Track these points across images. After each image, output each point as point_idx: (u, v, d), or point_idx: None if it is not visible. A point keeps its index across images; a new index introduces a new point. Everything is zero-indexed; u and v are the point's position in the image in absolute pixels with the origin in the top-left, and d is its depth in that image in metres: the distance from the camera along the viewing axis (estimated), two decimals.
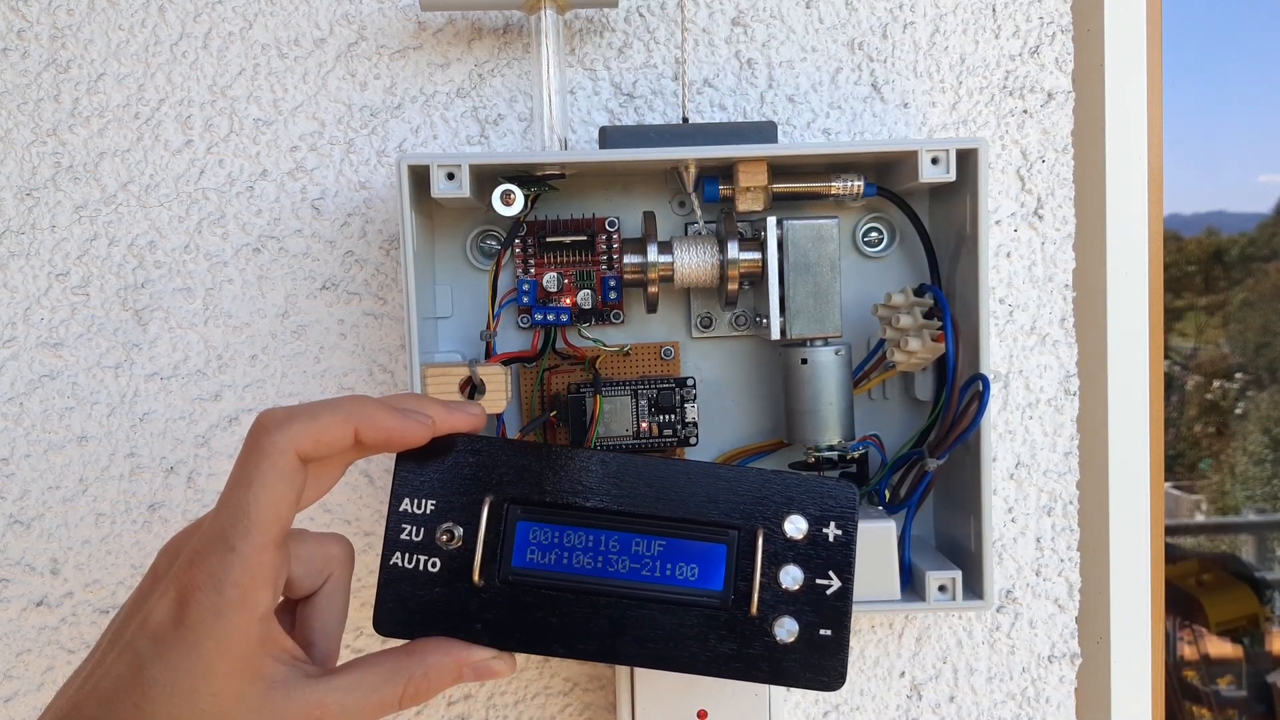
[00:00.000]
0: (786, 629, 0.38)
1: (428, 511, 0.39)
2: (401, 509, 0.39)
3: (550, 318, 0.54)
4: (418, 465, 0.39)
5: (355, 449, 0.37)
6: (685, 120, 0.56)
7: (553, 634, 0.38)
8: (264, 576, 0.33)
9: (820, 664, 0.38)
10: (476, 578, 0.38)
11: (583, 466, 0.39)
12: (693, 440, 0.55)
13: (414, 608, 0.38)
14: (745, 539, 0.39)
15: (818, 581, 0.38)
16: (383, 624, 0.38)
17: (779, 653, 0.38)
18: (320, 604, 0.39)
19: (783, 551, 0.39)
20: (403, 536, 0.38)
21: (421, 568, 0.38)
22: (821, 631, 0.38)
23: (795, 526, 0.39)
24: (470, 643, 0.38)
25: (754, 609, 0.38)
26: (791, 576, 0.38)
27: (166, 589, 0.33)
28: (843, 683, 0.38)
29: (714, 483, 0.39)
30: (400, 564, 0.38)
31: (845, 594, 0.38)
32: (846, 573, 0.39)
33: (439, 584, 0.38)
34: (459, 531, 0.38)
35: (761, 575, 0.38)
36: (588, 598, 0.38)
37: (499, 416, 0.54)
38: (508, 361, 0.53)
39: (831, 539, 0.39)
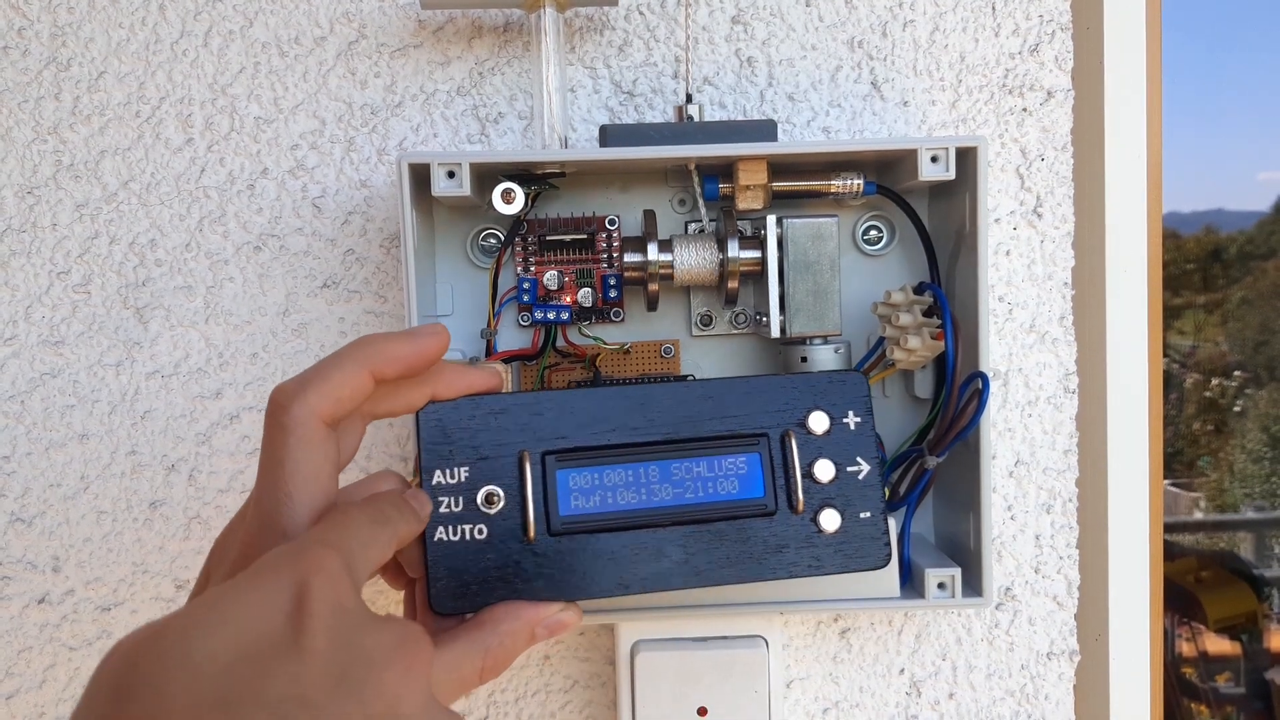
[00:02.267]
0: (830, 519, 0.40)
1: (462, 480, 0.38)
2: (435, 482, 0.38)
3: (550, 316, 0.54)
4: (442, 434, 0.38)
5: (376, 395, 0.35)
6: (689, 98, 0.56)
7: (612, 574, 0.38)
8: None
9: (866, 546, 0.40)
10: (531, 535, 0.38)
11: (606, 404, 0.40)
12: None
13: (469, 579, 0.38)
14: (774, 443, 0.40)
15: (848, 469, 0.40)
16: (441, 602, 0.37)
17: (828, 543, 0.40)
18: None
19: (811, 448, 0.40)
20: (442, 510, 0.38)
21: (469, 537, 0.38)
22: (862, 515, 0.40)
23: (817, 422, 0.40)
24: (535, 601, 0.37)
25: (800, 507, 0.40)
26: (824, 468, 0.40)
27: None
28: (889, 559, 0.40)
29: (734, 396, 0.40)
30: (446, 538, 0.38)
31: (874, 475, 0.41)
32: (871, 455, 0.41)
33: (490, 550, 0.38)
34: (500, 493, 0.38)
35: (799, 474, 0.40)
36: (639, 531, 0.39)
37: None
38: (508, 359, 0.53)
39: (853, 427, 0.41)
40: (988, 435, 0.51)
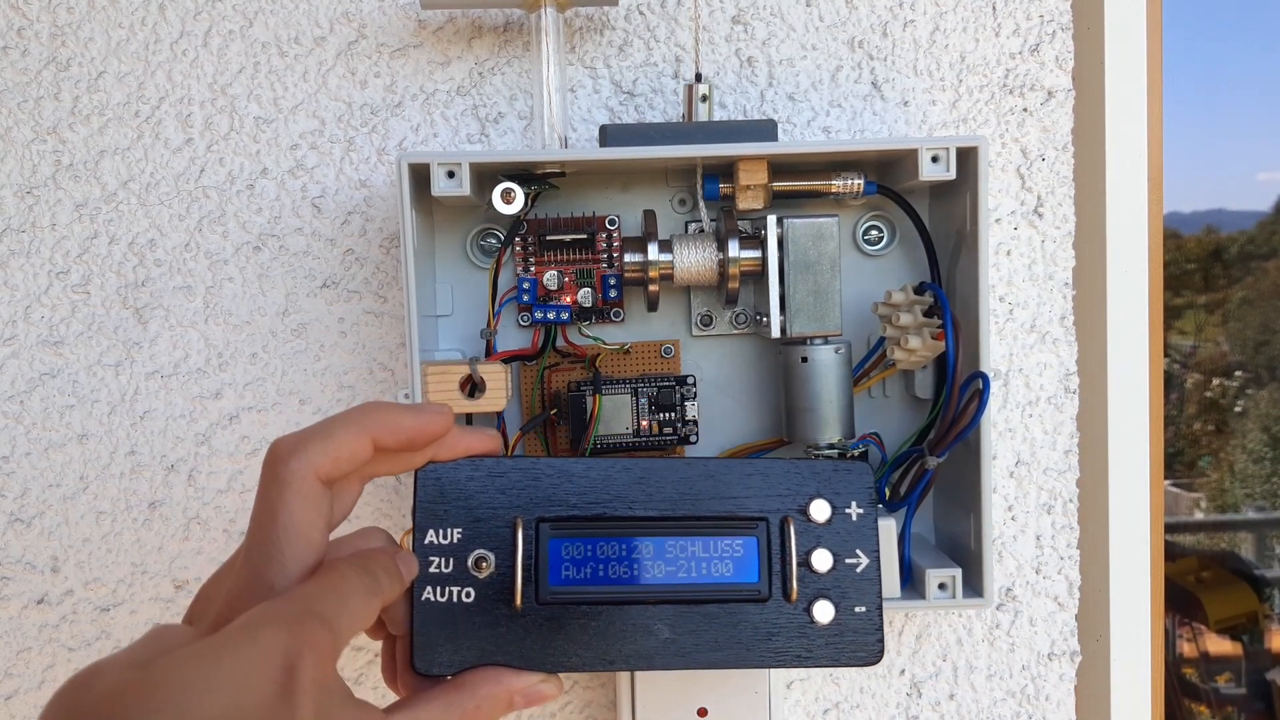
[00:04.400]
0: (823, 611, 0.39)
1: (454, 541, 0.38)
2: (427, 541, 0.38)
3: (550, 316, 0.54)
4: (439, 494, 0.38)
5: (374, 460, 0.36)
6: (699, 75, 0.55)
7: (597, 648, 0.38)
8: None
9: (858, 640, 0.39)
10: (518, 602, 0.37)
11: (604, 475, 0.39)
12: (693, 438, 0.55)
13: (453, 642, 0.37)
14: (773, 529, 0.39)
15: (847, 561, 0.40)
16: (424, 662, 0.37)
17: (819, 635, 0.39)
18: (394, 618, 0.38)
19: (811, 537, 0.40)
20: (431, 570, 0.38)
21: (456, 599, 0.38)
22: (857, 609, 0.39)
23: (820, 510, 0.40)
24: (517, 669, 0.37)
25: (793, 595, 0.39)
26: (822, 558, 0.39)
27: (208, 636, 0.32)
28: (881, 656, 0.39)
29: (735, 477, 0.40)
30: (433, 598, 0.37)
31: (873, 569, 0.40)
32: (873, 549, 0.40)
33: (476, 614, 0.38)
34: (491, 558, 0.38)
35: (796, 562, 0.39)
36: (628, 607, 0.38)
37: (499, 415, 0.54)
38: (508, 359, 0.53)
39: (855, 518, 0.40)
40: (988, 435, 0.51)
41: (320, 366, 0.58)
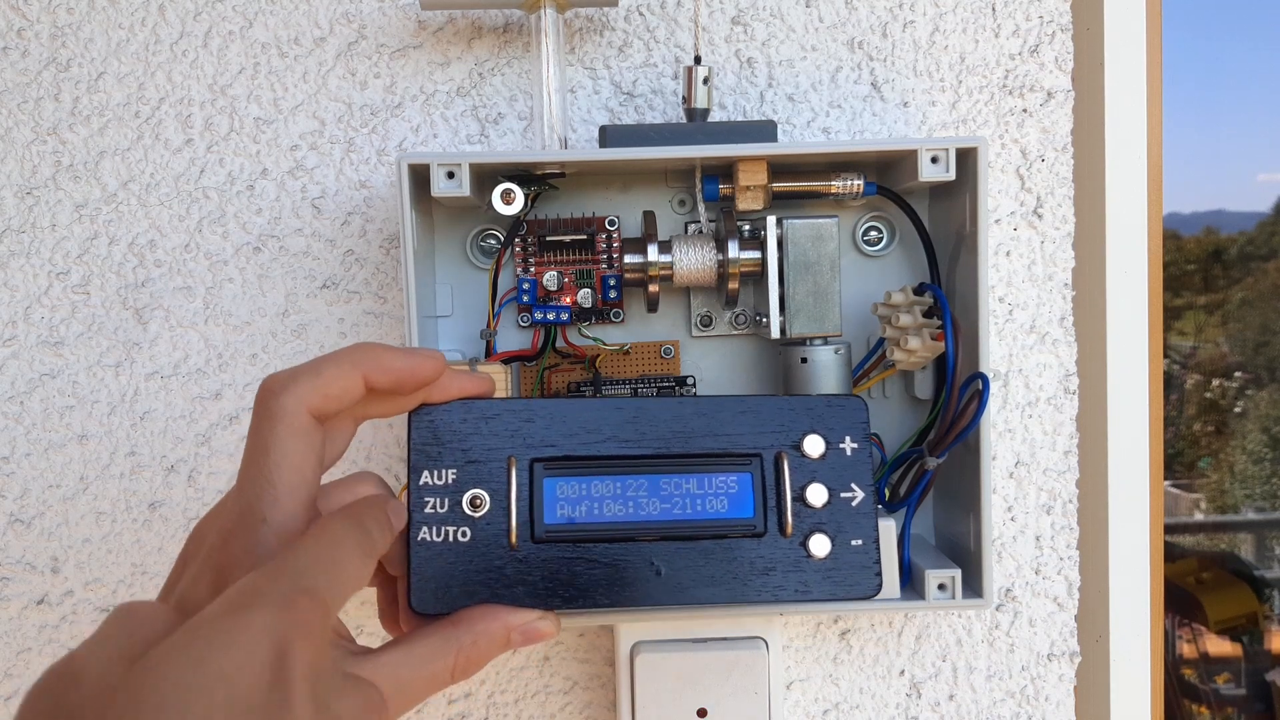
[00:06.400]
0: (820, 545, 0.39)
1: (449, 482, 0.38)
2: (422, 483, 0.38)
3: (550, 316, 0.54)
4: (432, 436, 0.38)
5: (366, 400, 0.35)
6: (698, 58, 0.55)
7: (594, 586, 0.38)
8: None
9: (856, 574, 0.39)
10: (513, 541, 0.38)
11: (598, 415, 0.39)
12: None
13: (450, 581, 0.38)
14: (767, 465, 0.39)
15: (842, 495, 0.40)
16: (422, 601, 0.37)
17: (816, 569, 0.39)
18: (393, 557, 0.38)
19: (805, 472, 0.40)
20: (427, 510, 0.38)
21: (452, 539, 0.38)
22: (853, 542, 0.39)
23: (813, 445, 0.40)
24: (514, 606, 0.37)
25: (788, 530, 0.39)
26: (817, 493, 0.39)
27: (202, 571, 0.32)
28: (879, 589, 0.39)
29: (728, 415, 0.40)
30: (429, 538, 0.38)
31: (869, 503, 0.40)
32: (866, 482, 0.40)
33: (473, 553, 0.38)
34: (486, 497, 0.38)
35: (790, 497, 0.39)
36: (624, 544, 0.38)
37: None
38: (508, 360, 0.53)
39: (849, 453, 0.40)
40: (988, 436, 0.51)
41: None
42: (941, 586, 0.52)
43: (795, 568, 0.39)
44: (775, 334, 0.51)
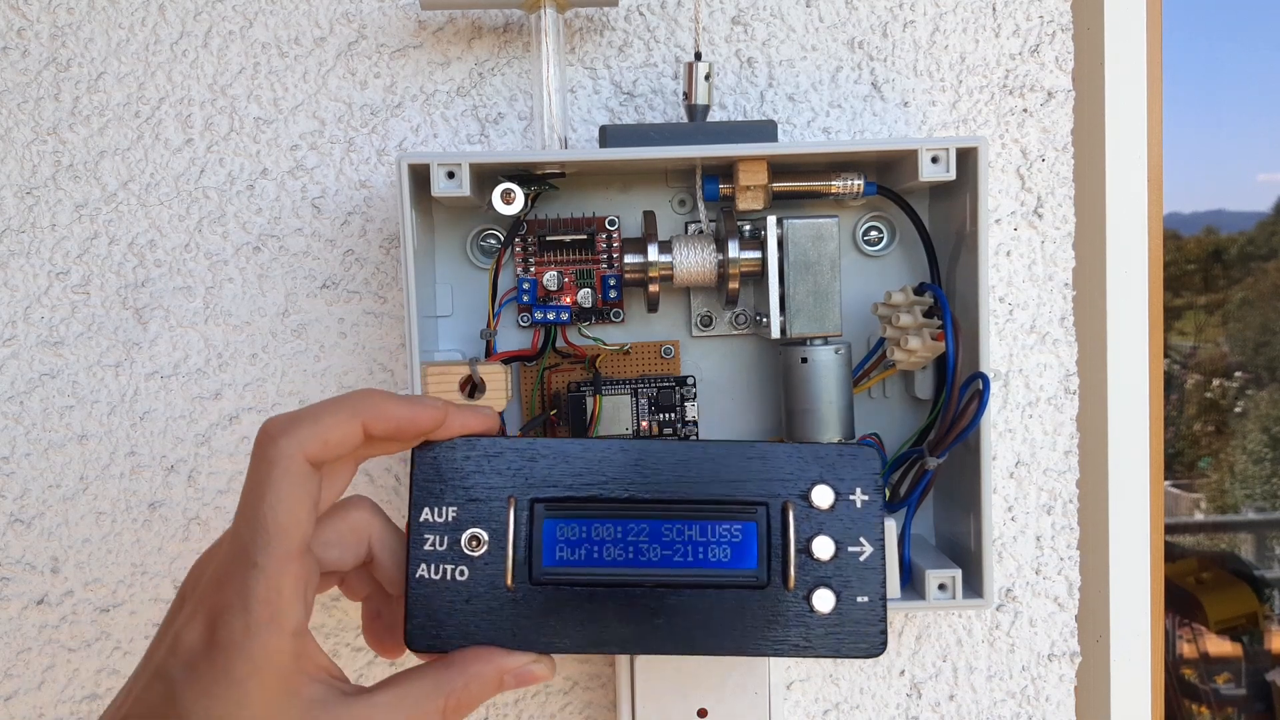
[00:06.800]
0: (824, 600, 0.38)
1: (449, 519, 0.38)
2: (422, 519, 0.38)
3: (550, 316, 0.54)
4: (435, 473, 0.38)
5: (366, 445, 0.36)
6: (698, 54, 0.55)
7: (590, 631, 0.37)
8: (292, 590, 0.32)
9: (860, 631, 0.38)
10: (509, 582, 0.37)
11: (602, 456, 0.38)
12: (693, 439, 0.55)
13: (446, 619, 0.37)
14: (773, 514, 0.38)
15: (849, 549, 0.38)
16: (415, 639, 0.37)
17: (819, 624, 0.38)
18: (381, 564, 0.38)
19: (812, 523, 0.38)
20: (426, 547, 0.38)
21: (449, 578, 0.37)
22: (859, 599, 0.38)
23: (822, 496, 0.39)
24: (509, 649, 0.37)
25: (791, 583, 0.38)
26: (823, 546, 0.38)
27: (194, 612, 0.32)
28: (884, 648, 0.38)
29: (736, 460, 0.39)
30: (427, 576, 0.37)
31: (877, 558, 0.38)
32: (877, 537, 0.38)
33: (470, 592, 0.37)
34: (485, 536, 0.38)
35: (795, 549, 0.38)
36: (622, 590, 0.38)
37: (499, 415, 0.54)
38: (508, 360, 0.53)
39: (859, 505, 0.39)
40: (988, 436, 0.51)
41: (320, 367, 0.58)
42: (942, 586, 0.52)
43: (798, 622, 0.38)
44: (775, 334, 0.51)
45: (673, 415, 0.54)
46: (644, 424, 0.54)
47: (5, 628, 0.59)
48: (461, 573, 0.37)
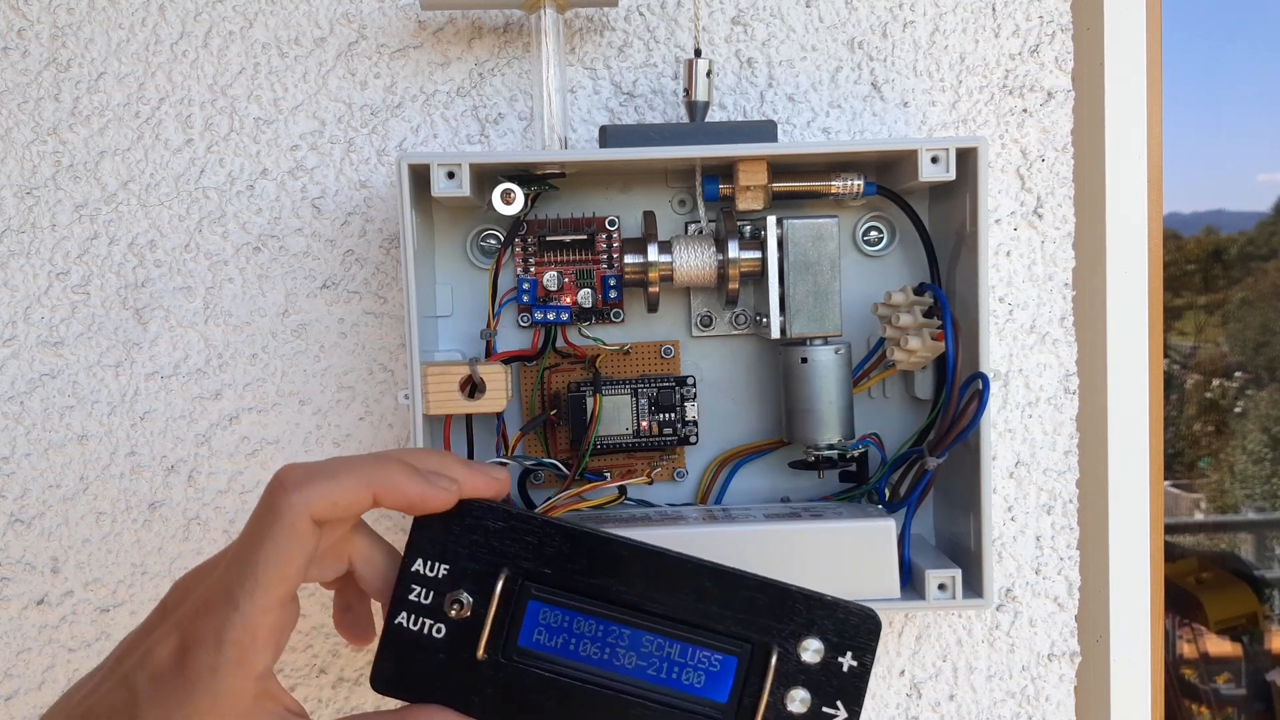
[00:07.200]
0: None
1: (440, 575, 0.38)
2: (414, 569, 0.38)
3: (550, 316, 0.54)
4: (436, 526, 0.38)
5: (373, 506, 0.36)
6: (698, 51, 0.55)
7: (548, 717, 0.37)
8: (265, 637, 0.33)
9: None
10: (481, 652, 0.37)
11: (606, 552, 0.38)
12: (692, 439, 0.55)
13: (413, 670, 0.37)
14: (758, 654, 0.37)
15: (824, 709, 0.37)
16: (379, 682, 0.37)
17: None
18: (363, 577, 0.38)
19: (794, 673, 0.37)
20: (411, 597, 0.37)
21: (426, 631, 0.37)
22: None
23: (811, 650, 0.37)
24: (465, 715, 0.37)
25: None
26: (799, 699, 0.37)
27: (170, 632, 0.33)
28: None
29: (736, 590, 0.38)
30: (405, 624, 0.37)
31: None
32: (855, 705, 0.37)
33: (442, 651, 0.37)
34: (469, 600, 0.37)
35: (769, 695, 0.37)
36: (589, 689, 0.37)
37: (499, 415, 0.54)
38: (508, 360, 0.53)
39: (846, 669, 0.37)
40: (988, 436, 0.51)
41: (320, 367, 0.58)
42: (942, 586, 0.52)
43: None
44: (775, 334, 0.51)
45: (672, 415, 0.54)
46: (644, 424, 0.54)
47: (5, 628, 0.59)
48: (439, 630, 0.37)
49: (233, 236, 0.58)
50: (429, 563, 0.38)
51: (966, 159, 0.50)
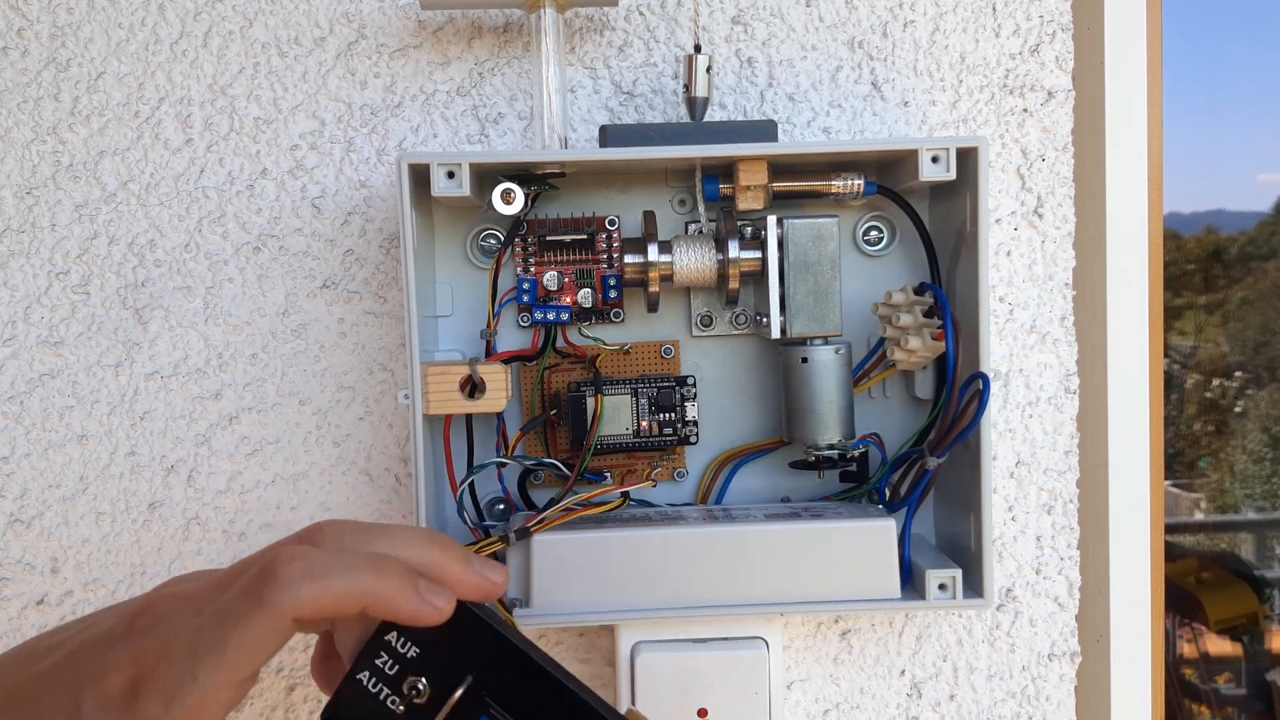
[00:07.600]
0: None
1: (409, 655, 0.37)
2: (386, 638, 0.38)
3: (550, 316, 0.54)
4: None
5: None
6: (698, 47, 0.55)
7: None
8: (216, 710, 0.33)
9: None
10: None
11: (574, 706, 0.37)
12: (693, 439, 0.55)
13: None
14: None
15: None
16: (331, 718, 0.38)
17: None
18: (341, 642, 0.39)
19: None
20: (377, 662, 0.37)
21: (381, 699, 0.37)
22: None
23: None
24: None
25: None
26: None
27: (129, 663, 0.33)
28: None
29: None
30: (364, 683, 0.37)
31: None
32: None
33: None
34: (427, 692, 0.37)
35: None
36: None
37: (499, 415, 0.54)
38: (508, 360, 0.53)
39: None
40: (988, 436, 0.51)
41: (320, 367, 0.58)
42: (942, 586, 0.51)
43: None
44: (775, 334, 0.51)
45: (672, 415, 0.54)
46: (644, 424, 0.54)
47: (5, 628, 0.59)
48: (393, 702, 0.37)
49: (232, 236, 0.58)
50: (402, 639, 0.37)
51: (967, 159, 0.50)
